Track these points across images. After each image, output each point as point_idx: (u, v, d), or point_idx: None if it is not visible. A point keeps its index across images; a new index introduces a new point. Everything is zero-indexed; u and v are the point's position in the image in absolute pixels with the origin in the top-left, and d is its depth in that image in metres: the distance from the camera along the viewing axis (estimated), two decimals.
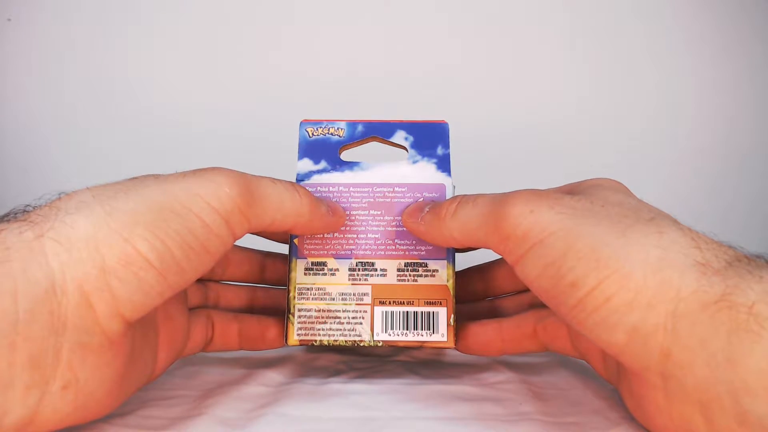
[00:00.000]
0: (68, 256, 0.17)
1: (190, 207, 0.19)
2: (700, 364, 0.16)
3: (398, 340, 0.25)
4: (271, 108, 0.49)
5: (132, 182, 0.20)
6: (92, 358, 0.17)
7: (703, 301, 0.16)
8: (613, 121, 0.49)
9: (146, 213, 0.18)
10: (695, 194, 0.48)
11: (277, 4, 0.50)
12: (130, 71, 0.51)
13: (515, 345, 0.26)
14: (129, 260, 0.17)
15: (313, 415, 0.22)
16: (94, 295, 0.17)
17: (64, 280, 0.17)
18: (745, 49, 0.49)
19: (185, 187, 0.19)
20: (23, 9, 0.50)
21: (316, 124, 0.27)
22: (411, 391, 0.24)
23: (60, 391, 0.17)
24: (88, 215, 0.18)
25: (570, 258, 0.18)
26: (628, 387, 0.20)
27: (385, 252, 0.26)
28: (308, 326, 0.25)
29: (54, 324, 0.16)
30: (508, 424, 0.21)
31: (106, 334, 0.18)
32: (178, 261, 0.19)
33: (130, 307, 0.18)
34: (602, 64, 0.50)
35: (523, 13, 0.50)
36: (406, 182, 0.26)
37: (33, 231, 0.17)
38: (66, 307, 0.17)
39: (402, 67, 0.50)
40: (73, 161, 0.50)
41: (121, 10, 0.51)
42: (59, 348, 0.17)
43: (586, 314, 0.18)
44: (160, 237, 0.18)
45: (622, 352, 0.18)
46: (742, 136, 0.49)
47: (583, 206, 0.20)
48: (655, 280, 0.17)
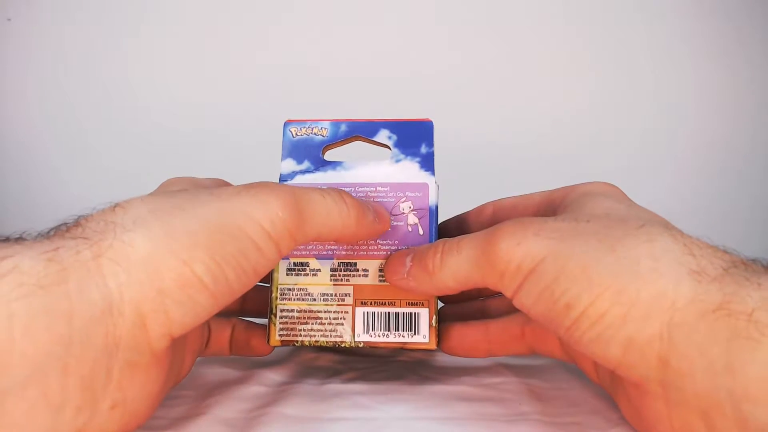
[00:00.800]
0: (126, 277, 0.17)
1: (245, 230, 0.19)
2: (700, 372, 0.16)
3: (379, 341, 0.24)
4: (259, 107, 0.49)
5: (187, 197, 0.20)
6: (140, 376, 0.18)
7: (700, 310, 0.16)
8: (613, 122, 0.49)
9: (204, 235, 0.18)
10: (695, 194, 0.48)
11: (269, 4, 0.50)
12: (129, 71, 0.51)
13: (501, 347, 0.26)
14: (186, 283, 0.18)
15: (313, 415, 0.22)
16: (150, 316, 0.17)
17: (121, 300, 0.17)
18: (745, 49, 0.49)
19: (240, 208, 0.19)
20: (23, 9, 0.50)
21: (300, 124, 0.27)
22: (411, 391, 0.24)
23: (108, 411, 0.17)
24: (147, 234, 0.18)
25: (562, 281, 0.18)
26: (625, 396, 0.20)
27: (366, 252, 0.25)
28: (290, 327, 0.25)
29: (108, 345, 0.16)
30: (508, 424, 0.21)
31: (154, 352, 0.18)
32: (231, 283, 0.19)
33: (180, 327, 0.18)
34: (602, 64, 0.50)
35: (523, 12, 0.50)
36: (389, 181, 0.26)
37: (91, 250, 0.17)
38: (121, 328, 0.17)
39: (400, 68, 0.50)
40: (73, 161, 0.50)
41: (120, 10, 0.51)
42: (111, 368, 0.17)
43: (581, 332, 0.18)
44: (216, 260, 0.18)
45: (619, 364, 0.18)
46: (742, 136, 0.49)
47: (569, 227, 0.20)
48: (649, 292, 0.17)
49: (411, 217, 0.26)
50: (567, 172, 0.47)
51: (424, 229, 0.25)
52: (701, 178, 0.49)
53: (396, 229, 0.25)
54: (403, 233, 0.25)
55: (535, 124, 0.50)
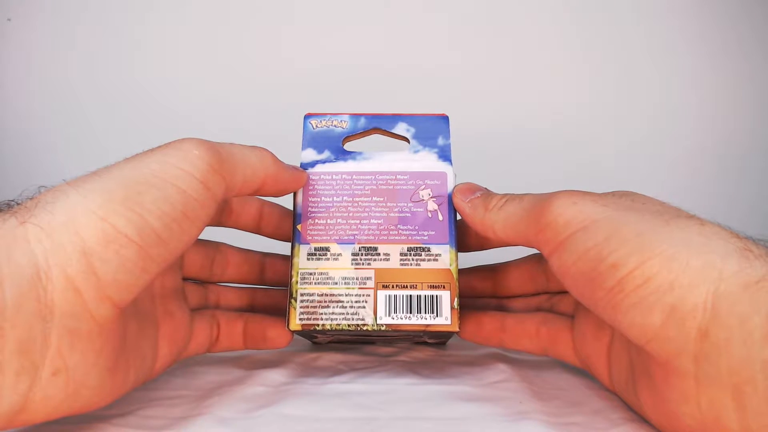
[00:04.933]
0: (50, 242, 0.17)
1: (162, 176, 0.19)
2: (737, 343, 0.16)
3: (402, 323, 0.24)
4: (273, 105, 0.49)
5: (106, 167, 0.20)
6: (82, 344, 0.17)
7: (744, 282, 0.16)
8: (613, 121, 0.49)
9: (119, 189, 0.18)
10: (695, 194, 0.48)
11: (281, 3, 0.50)
12: (130, 71, 0.51)
13: (514, 341, 0.26)
14: (108, 239, 0.17)
15: (313, 415, 0.22)
16: (79, 278, 0.17)
17: (47, 265, 0.17)
18: (745, 49, 0.49)
19: (155, 158, 0.20)
20: (23, 9, 0.50)
21: (320, 117, 0.28)
22: (411, 391, 0.24)
23: (50, 378, 0.17)
24: (65, 201, 0.18)
25: (613, 242, 0.18)
26: (646, 381, 0.20)
27: (387, 237, 0.26)
28: (311, 311, 0.25)
29: (41, 310, 0.16)
30: (508, 424, 0.21)
31: (95, 319, 0.17)
32: (159, 232, 0.18)
33: (116, 287, 0.18)
34: (602, 64, 0.50)
35: (524, 12, 0.50)
36: (408, 170, 0.27)
37: (16, 218, 0.17)
38: (52, 293, 0.17)
39: (402, 68, 0.50)
40: (74, 161, 0.50)
41: (121, 10, 0.51)
42: (48, 334, 0.17)
43: (623, 295, 0.18)
44: (135, 210, 0.18)
45: (656, 336, 0.17)
46: (742, 136, 0.49)
47: (625, 202, 0.20)
48: (698, 261, 0.17)
49: (431, 203, 0.26)
50: (567, 170, 0.47)
51: (443, 215, 0.26)
52: (701, 178, 0.49)
53: (416, 215, 0.26)
54: (423, 219, 0.26)
55: (535, 123, 0.50)
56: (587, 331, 0.24)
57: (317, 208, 0.26)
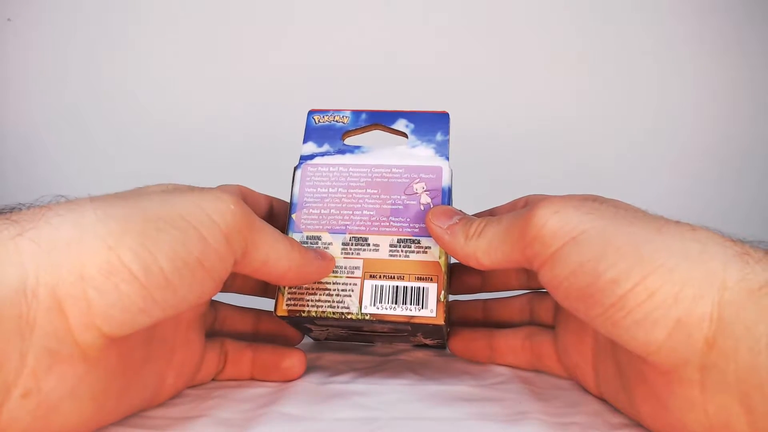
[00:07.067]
0: (45, 259, 0.16)
1: (188, 219, 0.18)
2: (744, 351, 0.16)
3: (386, 313, 0.24)
4: (273, 106, 0.49)
5: (137, 192, 0.19)
6: (60, 368, 0.16)
7: (748, 288, 0.16)
8: (612, 121, 0.49)
9: (138, 222, 0.17)
10: (695, 194, 0.48)
11: (280, 3, 0.50)
12: (130, 71, 0.51)
13: (502, 357, 0.27)
14: (111, 270, 0.16)
15: (313, 415, 0.22)
16: (68, 302, 0.16)
17: (36, 282, 0.16)
18: (745, 49, 0.49)
19: (189, 198, 0.19)
20: (23, 9, 0.50)
21: (323, 112, 0.29)
22: (411, 391, 0.24)
23: (19, 399, 0.16)
24: (77, 219, 0.17)
25: (610, 255, 0.18)
26: (644, 390, 0.19)
27: (379, 228, 0.26)
28: (298, 297, 0.25)
29: (21, 327, 0.15)
30: (508, 424, 0.21)
31: (79, 345, 0.16)
32: (167, 274, 0.17)
33: (107, 320, 0.16)
34: (602, 64, 0.50)
35: (524, 12, 0.50)
36: (404, 164, 0.27)
37: (12, 229, 0.16)
38: (35, 311, 0.16)
39: (402, 68, 0.50)
40: (73, 161, 0.50)
41: (121, 10, 0.51)
42: (25, 352, 0.16)
43: (624, 312, 0.17)
44: (147, 246, 0.17)
45: (659, 349, 0.17)
46: (742, 136, 0.49)
47: (608, 209, 0.19)
48: (700, 271, 0.17)
49: (424, 197, 0.26)
50: (567, 170, 0.47)
51: None
52: (701, 178, 0.49)
53: (408, 207, 0.26)
54: (416, 212, 0.26)
55: (535, 123, 0.50)
56: (568, 342, 0.24)
57: (312, 199, 0.26)
